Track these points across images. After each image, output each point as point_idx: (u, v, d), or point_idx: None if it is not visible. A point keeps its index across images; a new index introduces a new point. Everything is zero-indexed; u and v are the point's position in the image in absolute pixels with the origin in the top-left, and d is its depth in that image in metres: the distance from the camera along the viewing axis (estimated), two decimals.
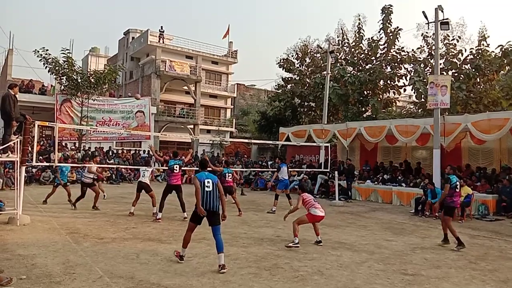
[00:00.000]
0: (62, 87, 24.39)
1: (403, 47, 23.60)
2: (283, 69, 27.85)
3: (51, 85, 28.02)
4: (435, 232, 9.35)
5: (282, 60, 27.75)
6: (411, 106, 26.74)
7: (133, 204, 10.26)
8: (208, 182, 5.65)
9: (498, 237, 8.90)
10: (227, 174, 11.33)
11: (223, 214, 5.89)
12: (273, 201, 11.99)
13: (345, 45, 25.96)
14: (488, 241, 8.46)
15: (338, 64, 24.06)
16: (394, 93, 24.77)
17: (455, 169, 8.65)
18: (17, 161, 8.45)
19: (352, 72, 23.96)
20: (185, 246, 5.84)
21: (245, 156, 27.40)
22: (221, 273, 5.33)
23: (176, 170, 9.86)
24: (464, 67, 20.98)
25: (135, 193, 10.29)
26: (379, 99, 23.51)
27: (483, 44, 21.05)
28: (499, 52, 20.15)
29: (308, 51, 28.09)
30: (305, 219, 7.30)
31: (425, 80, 18.74)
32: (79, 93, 23.74)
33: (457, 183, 7.83)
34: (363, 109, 24.42)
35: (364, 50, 24.75)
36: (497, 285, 5.35)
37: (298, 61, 28.12)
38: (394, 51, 23.54)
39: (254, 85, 45.78)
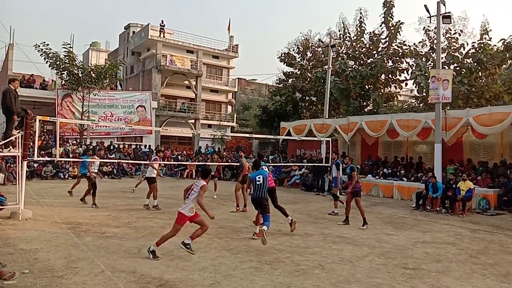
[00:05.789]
0: (63, 82, 24.36)
1: (404, 41, 23.53)
2: (284, 63, 27.68)
3: (52, 80, 27.95)
4: (436, 226, 9.38)
5: (283, 54, 27.58)
6: (413, 101, 26.61)
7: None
8: None
9: (499, 231, 8.92)
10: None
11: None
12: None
13: (346, 39, 25.78)
14: (489, 235, 8.48)
15: (340, 58, 23.95)
16: (395, 87, 24.64)
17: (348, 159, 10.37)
18: (18, 155, 8.48)
19: (353, 66, 23.87)
20: None
21: (243, 150, 27.14)
22: None
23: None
24: (466, 61, 20.86)
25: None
26: (380, 94, 23.42)
27: (485, 38, 20.91)
28: (501, 46, 20.06)
29: (310, 45, 27.92)
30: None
31: (426, 74, 18.65)
32: (80, 88, 23.71)
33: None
34: (365, 103, 24.34)
35: (366, 44, 24.62)
36: (497, 279, 5.36)
37: (299, 55, 27.95)
38: (395, 45, 23.43)
39: (255, 80, 45.73)
